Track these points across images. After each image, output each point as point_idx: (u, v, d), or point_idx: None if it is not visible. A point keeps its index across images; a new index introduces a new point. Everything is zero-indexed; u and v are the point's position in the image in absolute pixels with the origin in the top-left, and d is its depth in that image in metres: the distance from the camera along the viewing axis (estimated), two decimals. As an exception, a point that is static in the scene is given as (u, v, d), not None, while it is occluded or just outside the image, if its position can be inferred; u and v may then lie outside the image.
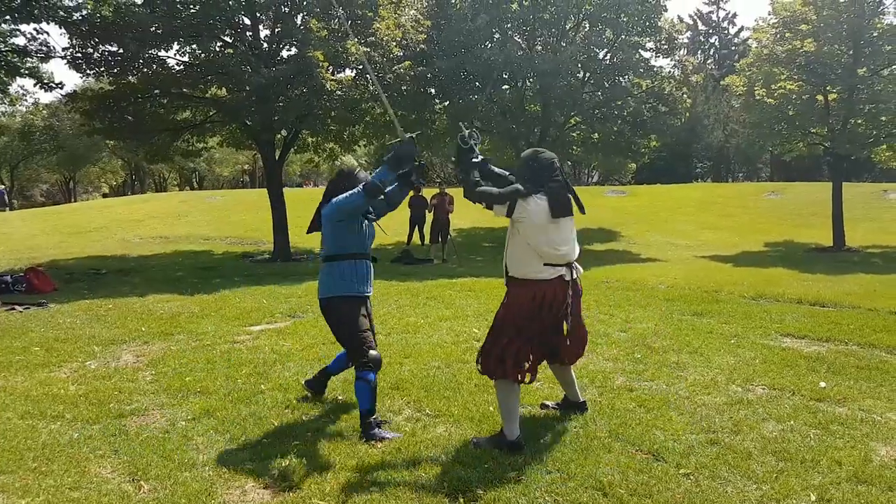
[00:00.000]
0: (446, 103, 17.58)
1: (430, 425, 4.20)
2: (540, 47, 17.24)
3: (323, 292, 4.20)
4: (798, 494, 3.25)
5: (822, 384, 5.02)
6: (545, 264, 3.87)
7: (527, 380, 3.92)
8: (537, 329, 3.90)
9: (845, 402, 4.65)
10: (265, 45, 14.46)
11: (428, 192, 15.97)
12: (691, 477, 3.44)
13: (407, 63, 14.93)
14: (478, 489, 3.26)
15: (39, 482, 3.40)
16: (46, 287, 10.33)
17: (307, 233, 4.52)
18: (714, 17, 56.87)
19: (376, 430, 3.96)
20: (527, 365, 3.89)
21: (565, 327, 4.09)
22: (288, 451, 3.77)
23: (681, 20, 50.50)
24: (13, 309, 8.58)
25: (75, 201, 44.36)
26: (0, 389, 5.06)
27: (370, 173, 4.27)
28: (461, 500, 3.17)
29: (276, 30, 14.33)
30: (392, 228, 17.12)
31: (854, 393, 4.83)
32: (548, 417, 4.29)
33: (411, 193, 16.95)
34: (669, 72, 18.76)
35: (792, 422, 4.23)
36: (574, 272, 4.03)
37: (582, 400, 4.41)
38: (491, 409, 4.37)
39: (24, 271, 10.88)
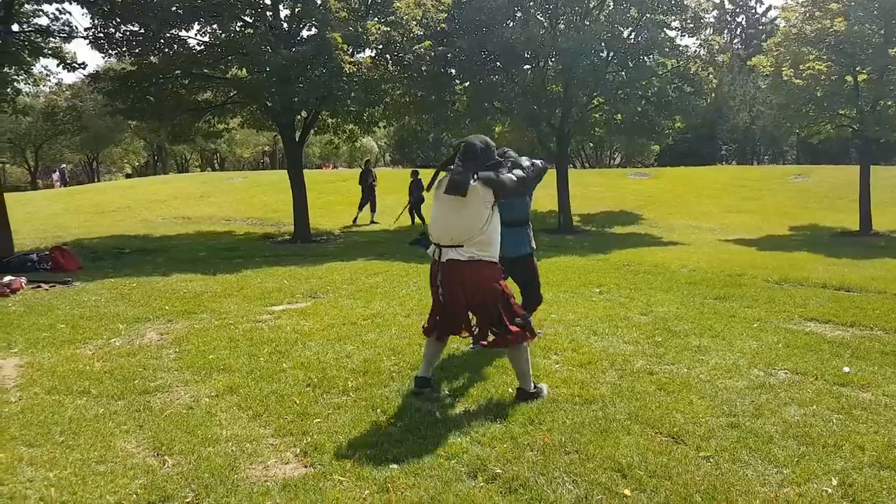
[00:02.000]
0: (466, 84, 17.41)
1: (449, 405, 4.22)
2: (563, 26, 16.96)
3: (529, 248, 5.29)
4: (819, 479, 3.22)
5: (846, 369, 4.96)
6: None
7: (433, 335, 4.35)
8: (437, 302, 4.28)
9: (869, 387, 4.59)
10: (285, 25, 14.42)
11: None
12: (711, 460, 3.42)
13: (427, 43, 14.80)
14: (496, 468, 3.28)
15: (66, 456, 3.48)
16: (71, 266, 10.49)
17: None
18: (741, -5, 55.79)
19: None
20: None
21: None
22: (310, 428, 3.82)
23: (707, -1, 49.65)
24: (39, 287, 8.74)
25: (98, 181, 44.87)
26: (27, 365, 5.17)
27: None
28: (480, 478, 3.19)
29: (297, 9, 14.28)
30: (391, 211, 17.16)
31: (878, 378, 4.76)
32: (564, 398, 4.29)
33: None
34: (695, 51, 18.31)
35: (814, 406, 4.19)
36: (447, 255, 4.04)
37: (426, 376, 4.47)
38: (510, 390, 4.38)
39: (50, 250, 11.05)
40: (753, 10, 56.00)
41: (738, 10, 56.11)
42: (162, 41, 13.78)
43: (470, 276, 3.96)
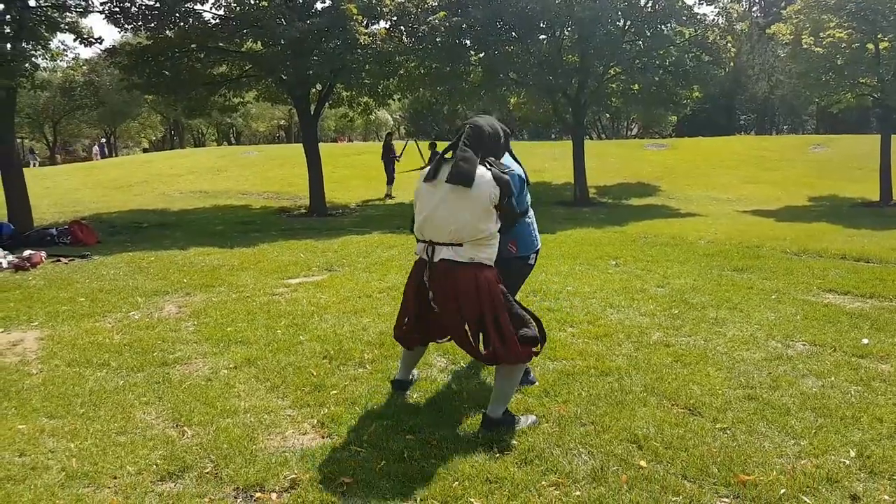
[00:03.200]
0: (482, 55, 17.19)
1: (464, 377, 4.23)
2: (580, -6, 16.68)
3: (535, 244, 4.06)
4: (837, 450, 3.20)
5: (865, 341, 4.91)
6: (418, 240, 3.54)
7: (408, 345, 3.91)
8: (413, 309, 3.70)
9: (888, 358, 4.55)
10: (299, -4, 14.30)
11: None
12: (728, 431, 3.41)
13: (442, 13, 14.61)
14: (512, 440, 3.29)
15: (87, 427, 3.54)
16: (90, 240, 10.60)
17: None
18: (762, -39, 54.34)
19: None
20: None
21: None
22: (327, 400, 3.85)
23: (727, -35, 48.46)
24: (58, 261, 8.85)
25: (116, 156, 45.14)
26: (48, 338, 5.25)
27: None
28: (495, 449, 3.20)
29: (311, -20, 14.14)
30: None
31: (898, 350, 4.71)
32: (580, 370, 4.29)
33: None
34: (713, 19, 17.93)
35: (832, 378, 4.16)
36: (440, 254, 3.39)
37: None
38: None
39: (69, 224, 11.18)
40: (775, -23, 54.57)
41: (758, -23, 54.72)
42: (177, 15, 13.73)
43: (466, 283, 3.32)
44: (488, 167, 3.29)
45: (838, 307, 5.97)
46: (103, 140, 46.15)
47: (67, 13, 12.71)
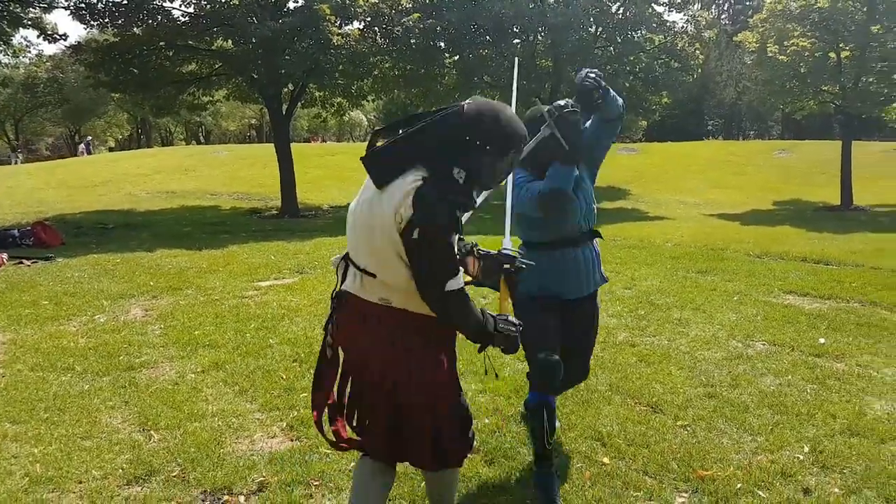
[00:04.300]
0: (456, 57, 17.29)
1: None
2: (552, 0, 16.90)
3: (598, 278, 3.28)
4: (792, 446, 3.33)
5: (822, 340, 5.08)
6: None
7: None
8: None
9: (843, 357, 4.71)
10: (271, -5, 14.24)
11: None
12: (688, 428, 3.52)
13: (416, 15, 14.69)
14: (480, 436, 3.35)
15: (52, 431, 3.50)
16: (54, 241, 10.41)
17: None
18: (729, -31, 55.41)
19: None
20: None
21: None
22: (296, 403, 3.86)
23: (695, -28, 49.23)
24: (21, 263, 8.68)
25: (79, 155, 44.36)
26: (10, 342, 5.16)
27: None
28: (463, 450, 3.26)
29: (283, -20, 14.10)
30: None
31: (852, 349, 4.89)
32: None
33: None
34: (682, 27, 18.31)
35: (790, 376, 4.30)
36: (351, 284, 2.18)
37: None
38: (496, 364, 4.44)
39: (32, 225, 10.95)
40: (742, -15, 55.64)
41: (726, -15, 55.79)
42: (145, 12, 13.58)
43: (384, 345, 2.09)
44: (421, 178, 1.96)
45: (797, 308, 6.15)
46: (89, 138, 45.31)
47: (31, 9, 12.50)
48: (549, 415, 2.85)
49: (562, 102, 2.78)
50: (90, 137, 46.56)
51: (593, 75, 2.86)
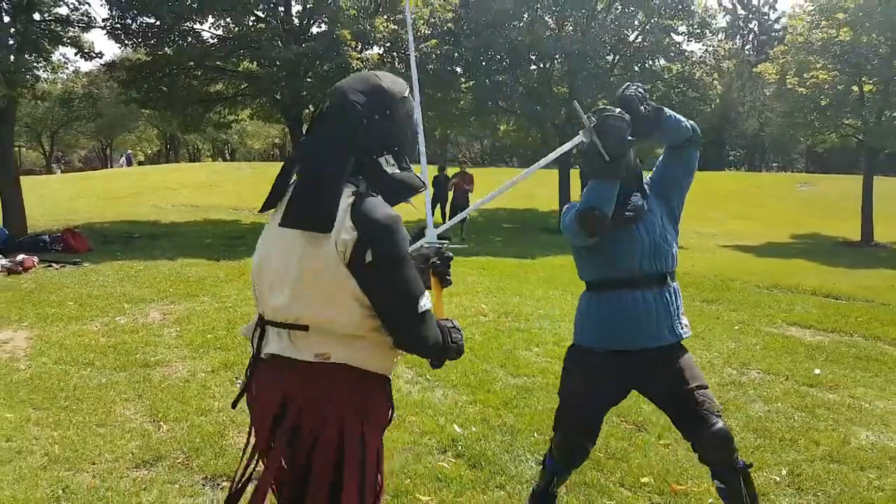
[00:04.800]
0: (472, 83, 17.64)
1: (428, 388, 4.46)
2: (570, 27, 17.20)
3: (679, 328, 2.88)
4: (770, 468, 3.42)
5: (817, 371, 5.15)
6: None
7: None
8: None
9: (837, 388, 4.77)
10: (296, 20, 14.73)
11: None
12: (669, 447, 3.64)
13: (433, 41, 15.08)
14: (465, 446, 3.52)
15: (70, 418, 3.76)
16: (82, 247, 10.80)
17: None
18: (754, 1, 55.54)
19: None
20: None
21: None
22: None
23: (719, 4, 49.40)
24: (50, 266, 9.04)
25: (111, 167, 45.37)
26: (37, 338, 5.46)
27: None
28: (449, 454, 3.43)
29: (308, 6, 14.58)
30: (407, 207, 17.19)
31: (847, 381, 4.94)
32: (539, 386, 4.51)
33: (436, 171, 17.20)
34: (701, 56, 18.49)
35: (779, 404, 4.39)
36: (272, 345, 1.75)
37: None
38: (489, 378, 4.62)
39: (62, 232, 11.36)
40: (766, 17, 55.77)
41: (750, 17, 55.87)
42: (176, 33, 14.13)
43: (310, 413, 1.68)
44: (352, 193, 1.67)
45: (798, 339, 6.22)
46: (129, 151, 46.60)
47: (70, 28, 13.05)
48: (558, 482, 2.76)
49: (607, 108, 2.42)
50: (130, 151, 47.83)
51: (636, 86, 2.53)
